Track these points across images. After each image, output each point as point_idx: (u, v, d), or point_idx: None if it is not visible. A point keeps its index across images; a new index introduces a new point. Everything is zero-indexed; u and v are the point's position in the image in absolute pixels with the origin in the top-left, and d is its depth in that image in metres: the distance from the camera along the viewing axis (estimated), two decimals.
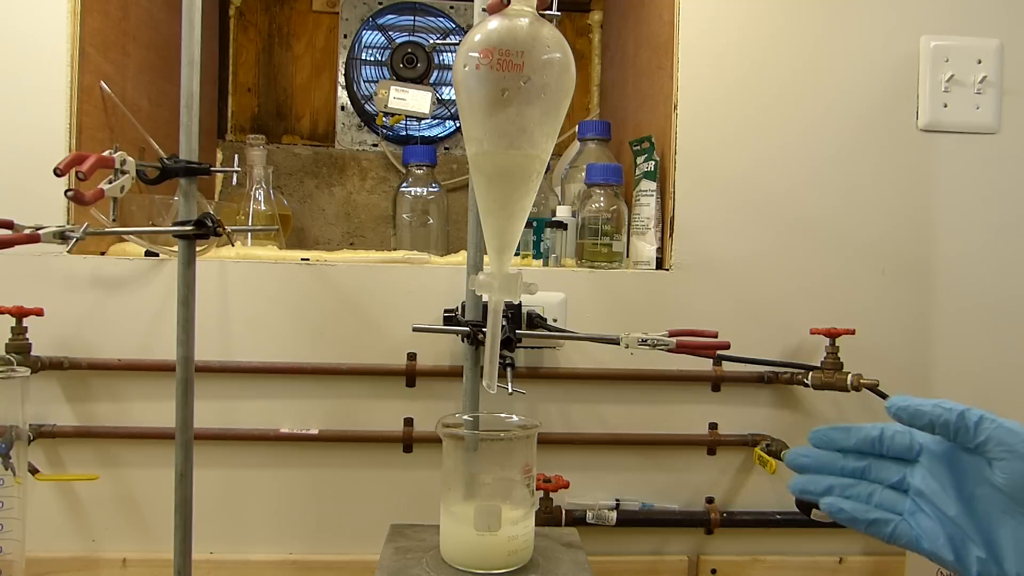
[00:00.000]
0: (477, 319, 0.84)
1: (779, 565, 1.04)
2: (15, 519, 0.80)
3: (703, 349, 0.85)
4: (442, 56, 1.47)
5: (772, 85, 1.03)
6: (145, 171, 0.79)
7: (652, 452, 1.03)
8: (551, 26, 0.64)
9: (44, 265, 0.94)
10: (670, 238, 1.03)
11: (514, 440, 0.75)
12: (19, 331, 0.89)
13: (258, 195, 1.18)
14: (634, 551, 1.03)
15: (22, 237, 0.70)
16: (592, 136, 1.18)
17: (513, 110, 0.62)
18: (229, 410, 0.97)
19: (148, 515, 0.97)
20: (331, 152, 1.48)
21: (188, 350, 0.78)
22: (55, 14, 0.94)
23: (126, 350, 0.96)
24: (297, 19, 1.50)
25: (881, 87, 1.04)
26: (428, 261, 1.02)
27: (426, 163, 1.23)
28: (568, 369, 1.01)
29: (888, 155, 1.05)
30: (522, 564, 0.73)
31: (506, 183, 0.65)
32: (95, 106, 0.99)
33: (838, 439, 0.48)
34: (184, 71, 0.77)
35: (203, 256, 0.97)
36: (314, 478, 0.99)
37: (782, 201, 1.04)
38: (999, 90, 1.05)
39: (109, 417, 0.96)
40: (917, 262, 1.05)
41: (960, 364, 1.05)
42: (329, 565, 0.99)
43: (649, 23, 1.16)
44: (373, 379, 0.99)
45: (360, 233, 1.47)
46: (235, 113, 1.48)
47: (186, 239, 0.78)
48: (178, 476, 0.79)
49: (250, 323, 0.97)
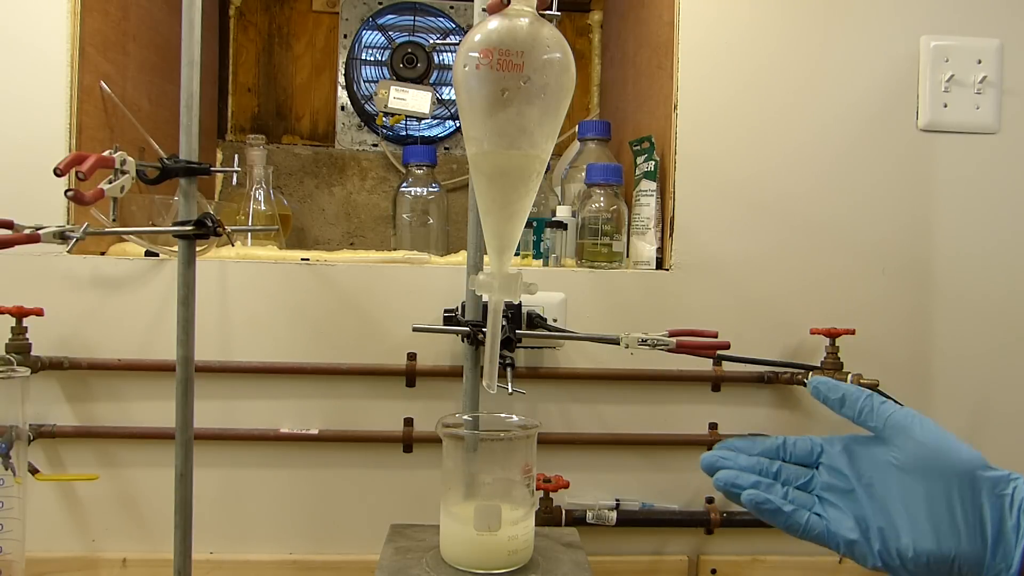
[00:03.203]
0: (477, 319, 0.84)
1: (779, 565, 1.04)
2: (15, 519, 0.80)
3: (703, 349, 0.85)
4: (442, 56, 1.47)
5: (772, 85, 1.03)
6: (145, 171, 0.79)
7: (652, 452, 1.03)
8: (551, 26, 0.64)
9: (44, 265, 0.94)
10: (670, 238, 1.03)
11: (514, 440, 0.75)
12: (19, 331, 0.89)
13: (258, 195, 1.18)
14: (634, 551, 1.03)
15: (22, 237, 0.70)
16: (592, 136, 1.18)
17: (513, 110, 0.62)
18: (229, 410, 0.97)
19: (148, 515, 0.97)
20: (331, 152, 1.48)
21: (188, 350, 0.78)
22: (55, 14, 0.94)
23: (126, 350, 0.96)
24: (297, 19, 1.50)
25: (881, 87, 1.04)
26: (428, 261, 1.02)
27: (426, 163, 1.23)
28: (568, 369, 1.01)
29: (888, 155, 1.05)
30: (522, 564, 0.73)
31: (506, 183, 0.65)
32: (95, 106, 0.99)
33: (745, 448, 0.51)
34: (184, 71, 0.77)
35: (203, 256, 0.97)
36: (314, 478, 0.99)
37: (782, 201, 1.04)
38: (999, 90, 1.05)
39: (109, 417, 0.96)
40: (917, 262, 1.05)
41: (960, 364, 1.05)
42: (329, 565, 0.99)
43: (649, 23, 1.16)
44: (373, 379, 0.99)
45: (360, 233, 1.47)
46: (235, 113, 1.48)
47: (186, 239, 0.78)
48: (178, 476, 0.79)
49: (250, 323, 0.97)
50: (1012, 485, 0.43)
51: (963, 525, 0.43)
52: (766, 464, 0.50)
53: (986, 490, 0.43)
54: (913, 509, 0.44)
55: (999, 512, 0.43)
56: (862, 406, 0.48)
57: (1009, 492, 0.43)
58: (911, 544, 0.44)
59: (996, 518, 0.43)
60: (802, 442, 0.51)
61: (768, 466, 0.50)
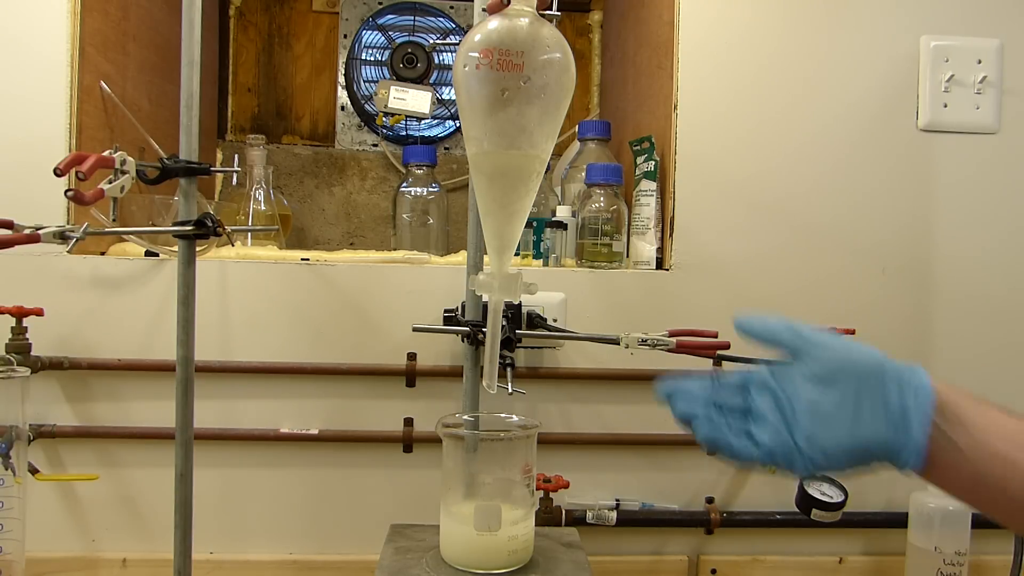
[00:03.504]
0: (477, 319, 0.84)
1: (779, 565, 1.04)
2: (15, 519, 0.80)
3: (703, 349, 0.85)
4: (442, 56, 1.47)
5: (772, 85, 1.03)
6: (145, 171, 0.79)
7: (652, 452, 1.03)
8: (551, 26, 0.64)
9: (44, 265, 0.94)
10: (670, 238, 1.03)
11: (514, 440, 0.75)
12: (19, 331, 0.89)
13: (258, 195, 1.18)
14: (634, 551, 1.03)
15: (22, 237, 0.70)
16: (592, 136, 1.18)
17: (513, 110, 0.62)
18: (229, 410, 0.97)
19: (148, 515, 0.97)
20: (331, 152, 1.48)
21: (188, 350, 0.78)
22: (55, 14, 0.94)
23: (126, 350, 0.96)
24: (297, 19, 1.50)
25: (881, 87, 1.04)
26: (428, 261, 1.02)
27: (426, 163, 1.23)
28: (568, 369, 1.01)
29: (888, 155, 1.04)
30: (522, 564, 0.73)
31: (506, 183, 0.65)
32: (95, 106, 0.99)
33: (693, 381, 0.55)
34: (184, 71, 0.77)
35: (203, 256, 0.97)
36: (314, 478, 0.99)
37: (782, 201, 1.04)
38: (999, 90, 1.05)
39: (109, 417, 0.96)
40: (917, 262, 1.05)
41: (960, 364, 1.05)
42: (329, 565, 0.99)
43: (649, 23, 1.16)
44: (373, 379, 0.99)
45: (360, 233, 1.47)
46: (235, 113, 1.48)
47: (186, 239, 0.78)
48: (178, 476, 0.79)
49: (250, 323, 0.97)
50: (910, 372, 0.49)
51: (872, 415, 0.48)
52: (710, 392, 0.53)
53: (890, 380, 0.48)
54: (830, 411, 0.48)
55: (901, 398, 0.48)
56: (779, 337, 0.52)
57: (908, 378, 0.48)
58: (833, 443, 0.48)
59: (899, 404, 0.48)
60: (731, 376, 0.54)
61: (712, 395, 0.53)
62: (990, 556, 1.03)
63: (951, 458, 0.47)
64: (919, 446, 0.47)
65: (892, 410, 0.48)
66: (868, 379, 0.48)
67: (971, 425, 0.48)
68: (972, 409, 0.48)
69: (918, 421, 0.47)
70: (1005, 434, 0.47)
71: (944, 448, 0.47)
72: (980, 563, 1.02)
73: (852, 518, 1.00)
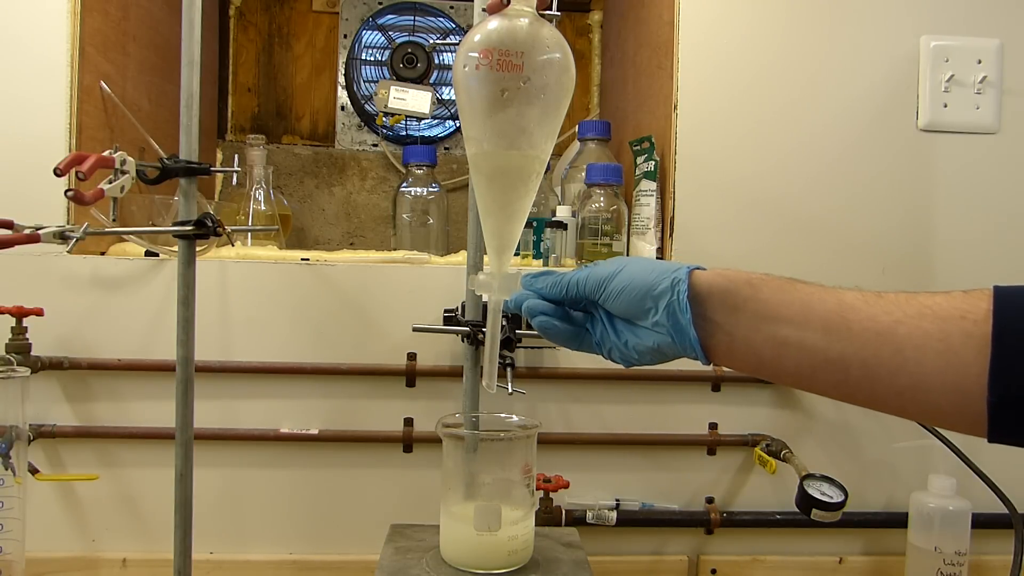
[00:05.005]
0: (477, 319, 0.84)
1: (779, 565, 1.04)
2: (15, 519, 0.80)
3: None
4: (442, 56, 1.47)
5: (772, 85, 1.03)
6: (145, 171, 0.79)
7: (652, 452, 1.03)
8: (551, 26, 0.64)
9: (44, 265, 0.94)
10: (670, 238, 1.03)
11: (514, 440, 0.75)
12: (19, 331, 0.89)
13: (258, 195, 1.18)
14: (634, 551, 1.03)
15: (22, 237, 0.70)
16: (592, 136, 1.18)
17: (513, 110, 0.62)
18: (229, 410, 0.97)
19: (148, 515, 0.97)
20: (331, 152, 1.48)
21: (188, 350, 0.78)
22: (55, 14, 0.94)
23: (126, 350, 0.96)
24: (297, 19, 1.50)
25: (881, 87, 1.04)
26: (428, 261, 1.02)
27: (426, 163, 1.23)
28: (568, 369, 1.01)
29: (888, 155, 1.05)
30: (522, 564, 0.73)
31: (506, 183, 0.65)
32: (95, 106, 0.99)
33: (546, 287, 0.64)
34: (184, 71, 0.77)
35: (203, 256, 0.97)
36: (314, 478, 0.99)
37: (782, 200, 1.04)
38: (999, 90, 1.05)
39: (109, 417, 0.96)
40: (917, 262, 1.05)
41: None
42: (329, 565, 0.99)
43: (649, 23, 1.16)
44: (373, 379, 0.99)
45: (360, 233, 1.47)
46: (235, 113, 1.48)
47: (186, 239, 0.78)
48: (178, 476, 0.79)
49: (250, 323, 0.97)
50: (678, 282, 0.56)
51: (655, 328, 0.57)
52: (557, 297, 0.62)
53: (660, 296, 0.56)
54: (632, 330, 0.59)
55: (674, 313, 0.55)
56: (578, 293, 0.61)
57: (676, 297, 0.55)
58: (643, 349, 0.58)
59: (671, 315, 0.55)
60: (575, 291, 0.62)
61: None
62: (990, 556, 1.03)
63: (729, 346, 0.54)
64: (696, 343, 0.54)
65: (671, 321, 0.55)
66: (644, 301, 0.57)
67: (748, 312, 0.54)
68: (751, 296, 0.54)
69: (687, 323, 0.54)
70: (781, 315, 0.52)
71: (722, 340, 0.54)
72: (980, 563, 1.02)
73: (852, 518, 1.00)
